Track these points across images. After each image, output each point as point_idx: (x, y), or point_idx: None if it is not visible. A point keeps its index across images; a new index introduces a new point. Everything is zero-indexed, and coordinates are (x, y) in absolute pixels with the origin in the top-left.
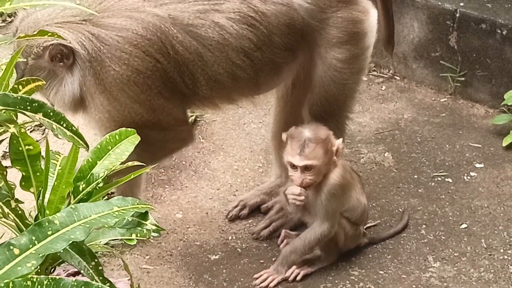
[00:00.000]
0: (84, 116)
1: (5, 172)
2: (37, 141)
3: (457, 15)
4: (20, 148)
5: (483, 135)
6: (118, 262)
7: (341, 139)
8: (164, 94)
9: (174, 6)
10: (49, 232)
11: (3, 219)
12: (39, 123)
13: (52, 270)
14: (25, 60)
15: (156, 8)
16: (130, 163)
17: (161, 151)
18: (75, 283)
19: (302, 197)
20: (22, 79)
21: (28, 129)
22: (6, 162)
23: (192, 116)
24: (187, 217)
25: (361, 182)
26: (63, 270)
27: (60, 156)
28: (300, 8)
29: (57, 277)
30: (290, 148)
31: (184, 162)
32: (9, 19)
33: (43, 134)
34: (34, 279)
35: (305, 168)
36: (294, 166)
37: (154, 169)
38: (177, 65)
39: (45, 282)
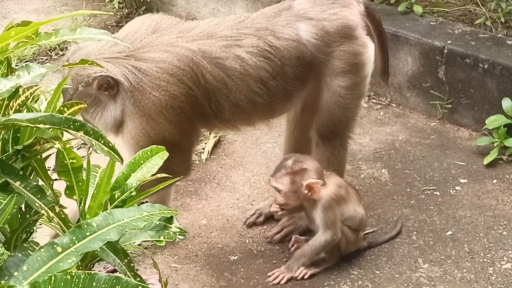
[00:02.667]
0: (122, 137)
1: (51, 182)
2: (82, 157)
3: (445, 51)
4: (65, 162)
5: (467, 155)
6: (151, 261)
7: (313, 180)
8: (191, 118)
9: (203, 41)
10: (88, 233)
11: (50, 223)
12: (84, 142)
13: (91, 267)
14: (74, 87)
15: (188, 43)
16: (158, 175)
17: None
18: (108, 278)
19: (279, 213)
20: (68, 102)
21: (75, 147)
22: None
23: (216, 136)
24: (211, 223)
25: (357, 194)
26: (104, 268)
27: (99, 168)
28: (308, 43)
29: (92, 272)
30: (275, 168)
31: (208, 176)
32: (61, 52)
33: (88, 150)
34: (73, 273)
35: (277, 190)
36: None
37: (182, 181)
38: (206, 92)
39: (82, 276)
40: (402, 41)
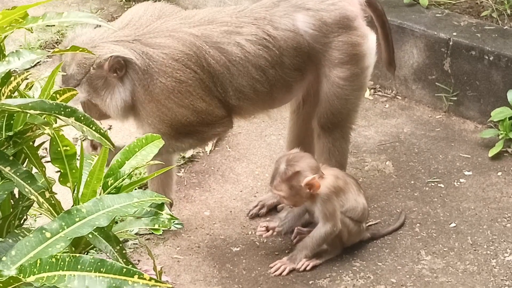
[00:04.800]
0: (136, 122)
1: (44, 169)
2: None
3: (451, 43)
4: (59, 149)
5: (472, 147)
6: (153, 253)
7: (310, 177)
8: (205, 99)
9: (205, 27)
10: (77, 219)
11: (40, 208)
12: (84, 138)
13: (85, 254)
14: (83, 71)
15: (190, 28)
16: (151, 162)
17: (206, 138)
18: (93, 260)
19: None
20: (60, 89)
21: (81, 138)
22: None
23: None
24: (214, 214)
25: (357, 184)
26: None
27: (95, 156)
28: (306, 34)
29: (77, 255)
30: (271, 173)
31: (212, 168)
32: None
33: (81, 137)
34: (58, 256)
35: (278, 195)
36: None
37: (186, 173)
38: (210, 75)
39: (67, 259)
40: (408, 33)
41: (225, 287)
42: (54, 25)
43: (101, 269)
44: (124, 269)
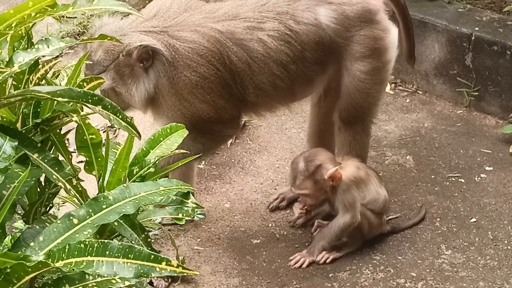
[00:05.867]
0: (155, 114)
1: (70, 156)
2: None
3: (473, 38)
4: (85, 137)
5: (493, 142)
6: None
7: (333, 169)
8: (224, 96)
9: (229, 22)
10: (104, 206)
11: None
12: (110, 126)
13: None
14: (111, 58)
15: (215, 24)
16: (177, 151)
17: (219, 140)
18: (121, 246)
19: (303, 215)
20: (86, 77)
21: (102, 129)
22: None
23: (241, 121)
24: (234, 207)
25: (378, 176)
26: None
27: (120, 146)
28: (328, 28)
29: (106, 241)
30: (289, 176)
31: (233, 160)
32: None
33: (114, 134)
34: (87, 242)
35: (302, 195)
36: None
37: (207, 165)
38: (231, 73)
39: (95, 245)
40: (429, 28)
41: (245, 278)
42: (75, 17)
43: (129, 255)
44: (152, 256)
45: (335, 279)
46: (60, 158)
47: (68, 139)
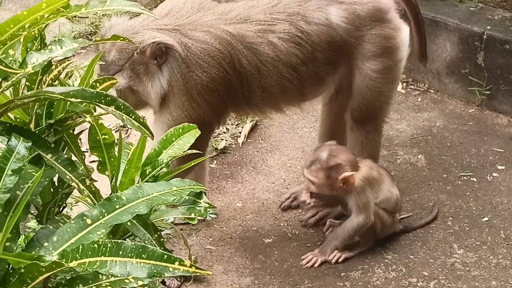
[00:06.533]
0: (158, 112)
1: (83, 157)
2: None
3: (484, 37)
4: (98, 137)
5: (505, 141)
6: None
7: (349, 173)
8: (225, 101)
9: (240, 25)
10: (117, 206)
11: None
12: (122, 126)
13: None
14: (125, 56)
15: (227, 26)
16: (189, 151)
17: (203, 146)
18: (134, 246)
19: (309, 205)
20: (99, 78)
21: (113, 130)
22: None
23: (253, 120)
24: (246, 206)
25: (390, 175)
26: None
27: (132, 146)
28: (339, 28)
29: (119, 241)
30: (308, 157)
31: (245, 160)
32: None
33: (126, 133)
34: (100, 242)
35: (310, 180)
36: None
37: (219, 165)
38: (240, 76)
39: (109, 245)
40: (441, 27)
41: (257, 278)
42: (87, 17)
43: (142, 255)
44: (165, 256)
45: (347, 278)
46: (73, 158)
47: (80, 139)
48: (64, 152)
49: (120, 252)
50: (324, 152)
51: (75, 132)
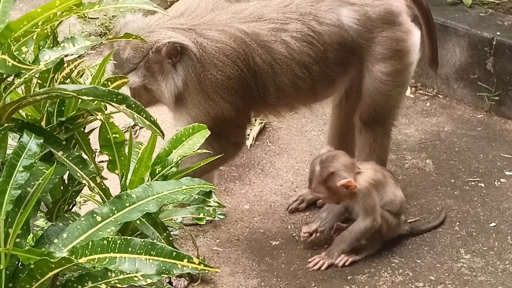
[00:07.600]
0: (176, 113)
1: (94, 155)
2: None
3: (494, 42)
4: (108, 136)
5: None
6: (192, 245)
7: (345, 180)
8: (244, 98)
9: (254, 24)
10: (127, 204)
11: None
12: (132, 125)
13: None
14: (140, 55)
15: (241, 24)
16: (199, 151)
17: (234, 146)
18: (143, 243)
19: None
20: (111, 76)
21: (123, 130)
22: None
23: (261, 123)
24: (253, 208)
25: (393, 177)
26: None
27: (142, 145)
28: (350, 29)
29: (128, 237)
30: (308, 176)
31: (253, 162)
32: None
33: (135, 134)
34: (110, 239)
35: (318, 196)
36: None
37: (227, 167)
38: (254, 75)
39: (118, 242)
40: (451, 32)
41: (264, 280)
42: (98, 18)
43: (152, 252)
44: (174, 253)
45: (353, 281)
46: (84, 156)
47: (89, 139)
48: (75, 150)
49: (130, 249)
50: (317, 166)
51: (86, 131)
